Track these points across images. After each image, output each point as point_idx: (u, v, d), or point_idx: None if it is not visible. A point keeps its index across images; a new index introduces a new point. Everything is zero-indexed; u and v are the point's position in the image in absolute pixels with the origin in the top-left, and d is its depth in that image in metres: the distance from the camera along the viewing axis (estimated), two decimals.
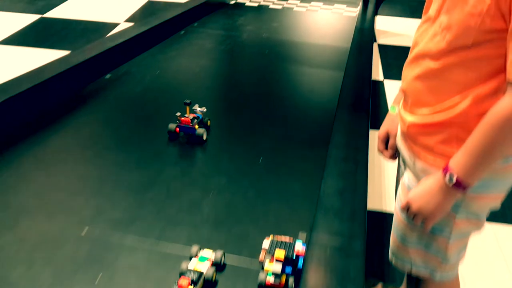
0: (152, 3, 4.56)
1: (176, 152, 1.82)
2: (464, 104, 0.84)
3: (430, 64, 0.87)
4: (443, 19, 0.84)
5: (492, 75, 0.81)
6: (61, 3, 4.45)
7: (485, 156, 0.81)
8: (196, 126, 1.82)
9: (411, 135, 0.97)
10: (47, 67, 2.20)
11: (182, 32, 3.28)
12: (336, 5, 4.34)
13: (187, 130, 1.82)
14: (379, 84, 3.06)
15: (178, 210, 1.48)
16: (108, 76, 2.47)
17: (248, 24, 3.65)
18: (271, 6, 4.22)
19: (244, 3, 4.26)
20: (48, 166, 1.69)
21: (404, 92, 0.99)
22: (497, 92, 0.81)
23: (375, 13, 3.98)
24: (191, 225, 1.42)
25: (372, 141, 1.91)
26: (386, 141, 1.16)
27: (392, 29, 4.13)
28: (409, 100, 0.96)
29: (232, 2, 4.24)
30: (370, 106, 2.01)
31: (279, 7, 4.20)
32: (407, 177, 1.01)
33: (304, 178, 1.66)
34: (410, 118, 0.95)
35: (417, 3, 4.81)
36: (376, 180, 2.08)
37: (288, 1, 4.37)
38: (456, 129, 0.86)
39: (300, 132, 2.01)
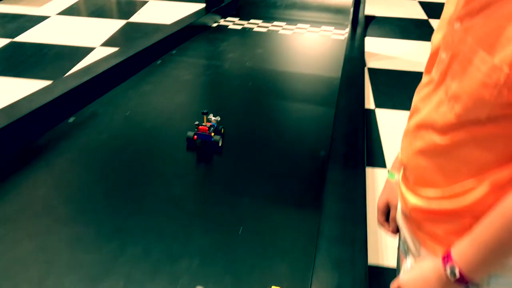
0: (131, 25, 4.33)
1: (140, 225, 1.54)
2: (480, 191, 0.70)
3: (435, 139, 0.74)
4: (449, 85, 0.70)
5: None
6: (34, 25, 4.21)
7: (496, 252, 0.68)
8: (212, 134, 1.98)
9: (414, 220, 0.83)
10: None
11: (159, 61, 3.03)
12: (323, 27, 4.13)
13: (204, 137, 1.98)
14: (371, 113, 2.85)
15: None
16: (71, 119, 2.21)
17: (230, 51, 3.42)
18: (256, 29, 4.00)
19: (227, 26, 4.04)
20: None
21: (404, 165, 0.85)
22: None
23: (364, 35, 3.78)
24: None
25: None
26: (386, 211, 1.02)
27: (381, 51, 3.94)
28: (411, 177, 0.83)
29: (215, 25, 4.01)
30: (365, 160, 1.78)
31: (264, 30, 3.98)
32: (411, 265, 0.88)
33: (293, 255, 1.41)
34: (413, 200, 0.81)
35: (406, 22, 4.64)
36: (372, 228, 1.82)
37: (274, 23, 4.16)
38: (469, 219, 0.73)
39: (287, 189, 1.76)
